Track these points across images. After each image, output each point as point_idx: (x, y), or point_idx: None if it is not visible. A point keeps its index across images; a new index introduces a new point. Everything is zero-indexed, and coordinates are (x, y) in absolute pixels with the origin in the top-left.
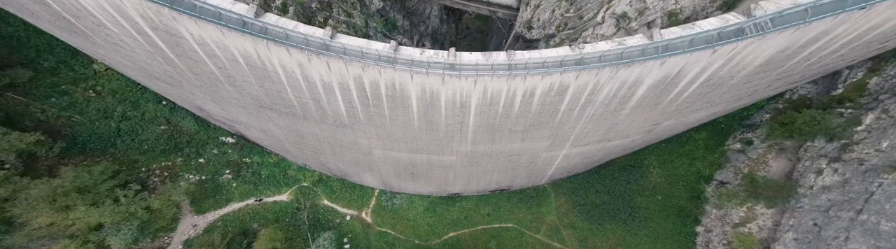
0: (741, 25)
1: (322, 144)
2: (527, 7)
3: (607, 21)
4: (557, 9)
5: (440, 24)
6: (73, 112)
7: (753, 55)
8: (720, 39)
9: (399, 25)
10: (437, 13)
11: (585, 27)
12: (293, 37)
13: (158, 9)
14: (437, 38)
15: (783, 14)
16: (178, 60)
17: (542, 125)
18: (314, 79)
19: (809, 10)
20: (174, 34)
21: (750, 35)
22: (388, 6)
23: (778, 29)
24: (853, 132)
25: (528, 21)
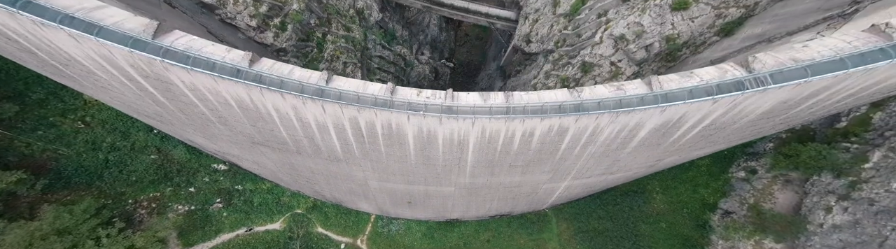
0: (740, 79)
1: (316, 175)
2: (525, 21)
3: (606, 41)
4: (556, 24)
5: (439, 32)
6: (60, 144)
7: (755, 105)
8: (720, 91)
9: (398, 35)
10: (436, 21)
11: (584, 46)
12: (288, 83)
13: (150, 60)
14: (437, 46)
15: (783, 71)
16: (169, 103)
17: (542, 161)
18: (308, 119)
19: (809, 69)
20: (165, 81)
21: (750, 89)
22: (387, 17)
23: (778, 86)
24: (861, 169)
25: (526, 35)
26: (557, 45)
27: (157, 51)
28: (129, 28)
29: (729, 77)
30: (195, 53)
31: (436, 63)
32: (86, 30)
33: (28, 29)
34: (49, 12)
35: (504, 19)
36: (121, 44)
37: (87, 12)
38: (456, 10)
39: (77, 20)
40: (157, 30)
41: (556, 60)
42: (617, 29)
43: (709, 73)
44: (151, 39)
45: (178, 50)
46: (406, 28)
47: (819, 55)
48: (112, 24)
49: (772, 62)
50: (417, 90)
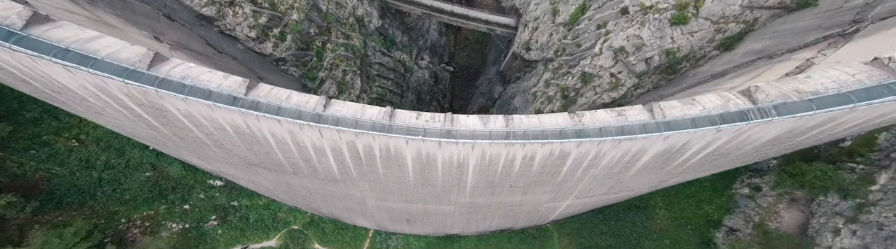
0: (744, 110)
1: (313, 194)
2: (525, 28)
3: (605, 53)
4: (555, 33)
5: (439, 36)
6: (53, 163)
7: (760, 134)
8: (724, 121)
9: (397, 41)
10: (435, 26)
11: (584, 56)
12: (285, 109)
13: (145, 90)
14: (436, 51)
15: (787, 103)
16: (163, 128)
17: (543, 182)
18: (305, 143)
19: (813, 102)
20: (160, 108)
21: (754, 120)
22: (387, 23)
23: (782, 118)
24: (867, 191)
25: (526, 42)
26: (557, 54)
27: (152, 81)
28: (124, 58)
29: (732, 106)
30: (191, 82)
31: (435, 67)
32: (80, 62)
33: (22, 62)
34: (43, 46)
35: (503, 26)
36: (116, 76)
37: (83, 44)
38: (456, 16)
39: (72, 53)
40: (153, 59)
41: (555, 69)
42: (616, 41)
43: (711, 101)
44: (147, 69)
45: (174, 79)
46: (406, 33)
47: (823, 88)
48: (107, 55)
49: (775, 93)
50: (416, 113)
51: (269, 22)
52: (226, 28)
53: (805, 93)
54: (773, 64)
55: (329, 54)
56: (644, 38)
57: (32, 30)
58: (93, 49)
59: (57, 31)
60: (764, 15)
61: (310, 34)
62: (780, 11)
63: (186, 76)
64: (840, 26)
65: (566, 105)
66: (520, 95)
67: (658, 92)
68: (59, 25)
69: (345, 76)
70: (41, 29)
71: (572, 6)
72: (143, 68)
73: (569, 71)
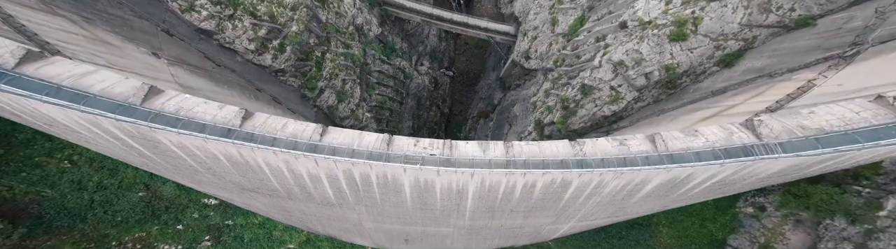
0: (748, 145)
1: (309, 216)
2: (524, 37)
3: (605, 66)
4: (555, 43)
5: (439, 41)
6: (44, 186)
7: (765, 168)
8: (728, 155)
9: (397, 48)
10: (435, 32)
11: (583, 68)
12: (280, 140)
13: (137, 126)
14: (436, 56)
15: (792, 141)
16: (155, 156)
17: (545, 208)
18: (300, 171)
19: (819, 141)
20: (152, 140)
21: (759, 155)
22: (387, 31)
23: (788, 155)
24: (875, 217)
25: (525, 51)
26: (557, 64)
27: (146, 116)
28: (118, 93)
29: (735, 140)
30: (186, 115)
31: (435, 73)
32: (73, 99)
33: (12, 99)
34: (35, 85)
35: (503, 34)
36: (109, 112)
37: (76, 80)
38: (455, 24)
39: (64, 91)
40: (148, 92)
41: (555, 79)
42: (615, 55)
43: (714, 134)
44: (140, 104)
45: (168, 113)
46: (405, 40)
47: (828, 125)
48: (100, 90)
49: (778, 127)
50: (414, 140)
51: (269, 34)
52: (225, 41)
53: (810, 130)
54: (773, 83)
55: (328, 64)
56: (643, 53)
57: (25, 68)
58: (86, 85)
59: (50, 68)
60: (763, 33)
61: (309, 45)
62: (779, 30)
63: (181, 108)
64: (840, 48)
65: (566, 116)
66: (520, 103)
67: (659, 106)
68: (52, 61)
69: (344, 85)
70: (33, 66)
71: (571, 17)
72: (137, 103)
73: (568, 82)
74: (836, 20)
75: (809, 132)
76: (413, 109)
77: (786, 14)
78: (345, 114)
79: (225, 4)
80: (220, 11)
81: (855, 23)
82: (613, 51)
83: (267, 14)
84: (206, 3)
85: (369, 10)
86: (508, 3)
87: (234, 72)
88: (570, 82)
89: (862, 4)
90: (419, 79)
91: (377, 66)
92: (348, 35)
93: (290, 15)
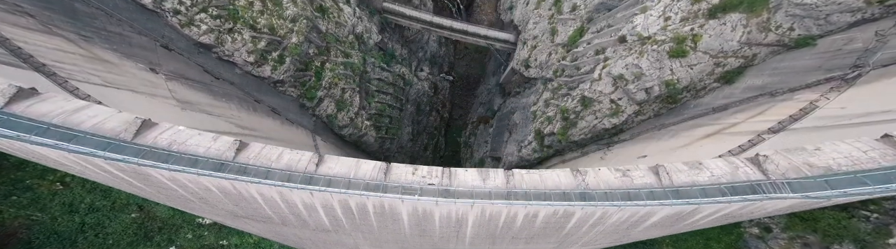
0: (754, 183)
1: (304, 240)
2: (524, 46)
3: (604, 79)
4: (554, 53)
5: (438, 47)
6: (35, 209)
7: (773, 204)
8: (735, 193)
9: (397, 55)
10: (435, 37)
11: (583, 79)
12: (274, 173)
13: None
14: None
15: (801, 181)
16: (146, 187)
17: (547, 235)
18: (295, 201)
19: (828, 183)
20: (142, 174)
21: (767, 194)
22: (387, 38)
23: (797, 195)
24: (886, 244)
25: (525, 60)
26: (556, 75)
27: (136, 153)
28: (109, 128)
29: (741, 175)
30: (178, 148)
31: (435, 78)
32: (62, 138)
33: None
34: (23, 126)
35: (502, 41)
36: (98, 150)
37: (67, 116)
38: (455, 31)
39: (51, 131)
40: (140, 126)
41: (555, 89)
42: (615, 68)
43: (719, 167)
44: (132, 139)
45: (160, 148)
46: (405, 47)
47: (835, 164)
48: (91, 126)
49: (785, 164)
50: (412, 168)
51: (268, 46)
52: (224, 54)
53: (817, 169)
54: (775, 102)
55: (328, 73)
56: (643, 68)
57: (15, 106)
58: (77, 121)
59: (41, 106)
60: (763, 51)
61: (308, 55)
62: (779, 49)
63: (173, 142)
64: (841, 69)
65: (566, 127)
66: (519, 111)
67: (659, 120)
68: (44, 98)
69: (343, 94)
70: (24, 105)
71: (571, 28)
72: (128, 138)
73: (568, 92)
74: (836, 41)
75: (817, 171)
76: (413, 115)
77: (785, 33)
78: (344, 123)
79: (225, 18)
80: (219, 25)
81: (855, 44)
82: (613, 64)
83: (267, 26)
84: (206, 18)
85: (369, 19)
86: (507, 10)
87: (233, 85)
88: (570, 93)
89: (862, 26)
90: (419, 85)
91: (377, 74)
92: (348, 44)
93: (290, 26)
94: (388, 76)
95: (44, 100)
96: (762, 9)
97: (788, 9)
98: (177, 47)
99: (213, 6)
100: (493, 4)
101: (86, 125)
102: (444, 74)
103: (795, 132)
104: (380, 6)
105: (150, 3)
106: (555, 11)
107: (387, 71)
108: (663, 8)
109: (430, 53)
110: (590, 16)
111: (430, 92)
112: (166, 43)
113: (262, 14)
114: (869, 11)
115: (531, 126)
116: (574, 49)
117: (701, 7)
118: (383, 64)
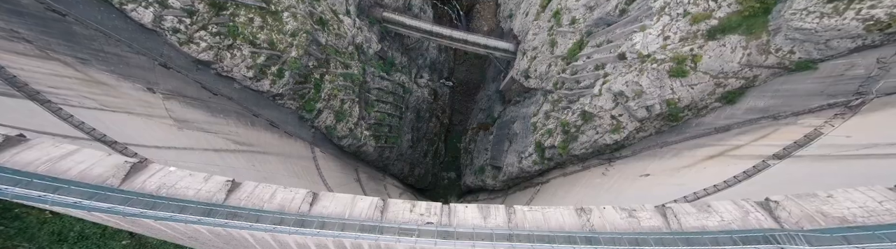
0: (768, 234)
1: None
2: (524, 56)
3: (605, 94)
4: (554, 65)
5: (438, 53)
6: (22, 239)
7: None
8: (746, 242)
9: (397, 63)
10: (435, 44)
11: (583, 93)
12: (265, 217)
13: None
14: (436, 68)
15: (816, 235)
16: (133, 227)
17: None
18: (288, 242)
19: (846, 239)
20: (129, 219)
21: (782, 244)
22: (387, 46)
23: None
24: None
25: (525, 70)
26: (556, 87)
27: (123, 201)
28: (96, 175)
29: (752, 221)
30: (167, 193)
31: (435, 84)
32: (46, 189)
33: None
34: (4, 179)
35: (502, 50)
36: (83, 199)
37: (53, 164)
38: (455, 40)
39: (35, 183)
40: (129, 170)
41: (555, 101)
42: (615, 85)
43: (729, 211)
44: (119, 185)
45: (148, 194)
46: (405, 54)
47: (850, 214)
48: (78, 173)
49: (797, 212)
50: (410, 204)
51: (268, 61)
52: (223, 70)
53: (832, 218)
54: (779, 126)
55: (327, 85)
56: (643, 86)
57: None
58: (63, 169)
59: (27, 153)
60: (764, 73)
61: (308, 67)
62: (780, 71)
63: (163, 185)
64: (844, 95)
65: (567, 140)
66: (519, 121)
67: (661, 137)
68: (31, 145)
69: (343, 105)
70: (10, 153)
71: (570, 40)
72: (116, 184)
73: (568, 105)
74: (837, 66)
75: (832, 221)
76: (412, 122)
77: (785, 56)
78: (343, 134)
79: (224, 35)
80: (219, 42)
81: (857, 70)
82: (613, 80)
83: (266, 41)
84: (206, 35)
85: (369, 28)
86: (507, 18)
87: (231, 100)
88: (570, 106)
89: (863, 52)
90: (419, 93)
91: (376, 83)
92: (347, 55)
93: (290, 41)
94: (388, 85)
95: (31, 148)
96: (761, 31)
97: (788, 32)
98: (175, 65)
99: (213, 23)
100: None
101: (72, 172)
102: (443, 80)
103: (800, 160)
104: (380, 16)
105: (149, 23)
106: (554, 23)
107: (386, 80)
108: (662, 27)
109: (430, 60)
110: (589, 29)
111: (430, 98)
112: (165, 61)
113: (261, 29)
114: (869, 38)
115: (532, 137)
116: (574, 62)
117: (700, 28)
118: (383, 73)
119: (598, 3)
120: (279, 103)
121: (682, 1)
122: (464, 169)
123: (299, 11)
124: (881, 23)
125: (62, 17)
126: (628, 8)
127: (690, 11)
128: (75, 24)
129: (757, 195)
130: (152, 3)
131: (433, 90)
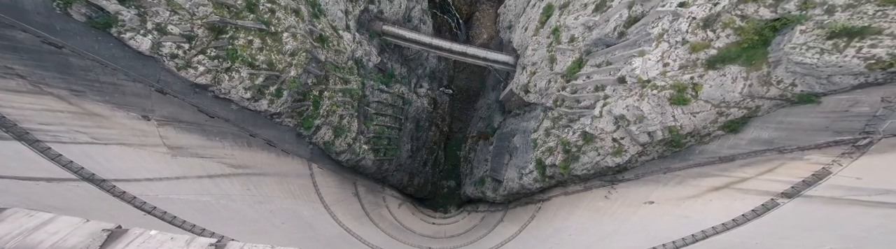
0: None
1: None
2: (523, 71)
3: (606, 117)
4: (553, 82)
5: (438, 62)
6: None
7: None
8: None
9: (397, 74)
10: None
11: (584, 114)
12: None
13: None
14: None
15: None
16: None
17: None
18: None
19: None
20: None
21: None
22: (386, 58)
23: None
24: None
25: (525, 85)
26: (556, 104)
27: None
28: (69, 247)
29: None
30: None
31: (434, 93)
32: None
33: None
34: None
35: (502, 63)
36: None
37: (25, 237)
38: (454, 53)
39: None
40: (107, 238)
41: (555, 119)
42: (616, 108)
43: None
44: None
45: None
46: (404, 65)
47: None
48: (51, 245)
49: None
50: None
51: (266, 81)
52: (220, 92)
53: None
54: (785, 160)
55: (326, 102)
56: (644, 111)
57: None
58: (35, 242)
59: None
60: (766, 104)
61: (307, 85)
62: (782, 102)
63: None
64: (850, 133)
65: (568, 160)
66: (520, 135)
67: (664, 163)
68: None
69: (341, 120)
70: None
71: (570, 58)
72: None
73: (569, 124)
74: (841, 101)
75: None
76: (412, 132)
77: (787, 88)
78: (341, 149)
79: (223, 58)
80: (217, 65)
81: (862, 107)
82: (613, 103)
83: (265, 62)
84: (204, 59)
85: (369, 42)
86: (506, 29)
87: (228, 122)
88: (570, 125)
89: (867, 89)
90: (418, 103)
91: (376, 97)
92: (347, 70)
93: (289, 61)
94: (387, 97)
95: (2, 220)
96: (761, 63)
97: (788, 66)
98: (172, 90)
99: (212, 47)
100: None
101: (43, 246)
102: (443, 88)
103: (811, 200)
104: (380, 29)
105: (147, 50)
106: (553, 40)
107: (386, 92)
108: (661, 53)
109: (430, 69)
110: (588, 49)
111: (430, 107)
112: (161, 87)
113: (261, 51)
114: (872, 76)
115: (532, 153)
116: (573, 81)
117: (699, 56)
118: (383, 85)
119: (597, 23)
120: (277, 121)
121: (680, 29)
122: (464, 179)
123: (299, 31)
124: (883, 62)
125: (58, 50)
126: (627, 31)
127: (689, 40)
128: (72, 55)
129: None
130: (151, 31)
131: (433, 99)
